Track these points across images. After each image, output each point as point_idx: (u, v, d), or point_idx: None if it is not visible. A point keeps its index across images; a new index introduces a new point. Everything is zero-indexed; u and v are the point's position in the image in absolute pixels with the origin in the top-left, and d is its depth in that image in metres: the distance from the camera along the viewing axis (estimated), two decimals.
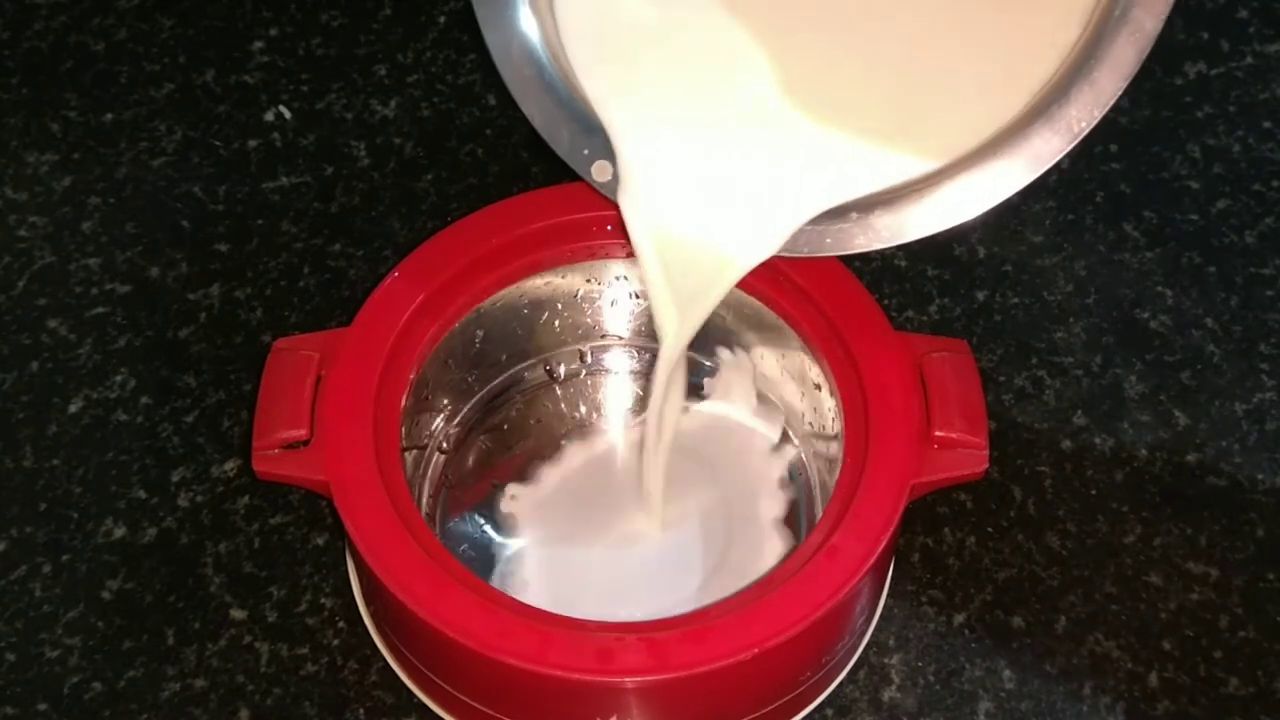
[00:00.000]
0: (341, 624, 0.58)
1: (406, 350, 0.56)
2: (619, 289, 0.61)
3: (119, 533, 0.61)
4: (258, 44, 0.75)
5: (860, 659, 0.57)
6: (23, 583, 0.59)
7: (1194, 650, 0.58)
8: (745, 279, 0.56)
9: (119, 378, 0.65)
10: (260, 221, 0.69)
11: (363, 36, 0.76)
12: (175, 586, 0.59)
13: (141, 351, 0.65)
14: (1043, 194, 0.70)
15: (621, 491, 0.60)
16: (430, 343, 0.57)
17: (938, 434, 0.53)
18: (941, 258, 0.68)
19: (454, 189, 0.70)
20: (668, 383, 0.56)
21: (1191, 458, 0.63)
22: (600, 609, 0.53)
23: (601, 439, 0.62)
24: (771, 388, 0.61)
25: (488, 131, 0.72)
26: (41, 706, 0.57)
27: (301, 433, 0.53)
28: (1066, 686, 0.57)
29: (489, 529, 0.59)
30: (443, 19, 0.76)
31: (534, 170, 0.70)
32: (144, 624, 0.58)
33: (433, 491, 0.60)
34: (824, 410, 0.58)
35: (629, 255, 0.58)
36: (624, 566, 0.58)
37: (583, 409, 0.63)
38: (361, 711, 0.57)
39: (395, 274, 0.57)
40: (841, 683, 0.57)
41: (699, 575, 0.58)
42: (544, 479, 0.61)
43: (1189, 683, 0.57)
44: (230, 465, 0.62)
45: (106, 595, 0.59)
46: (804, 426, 0.60)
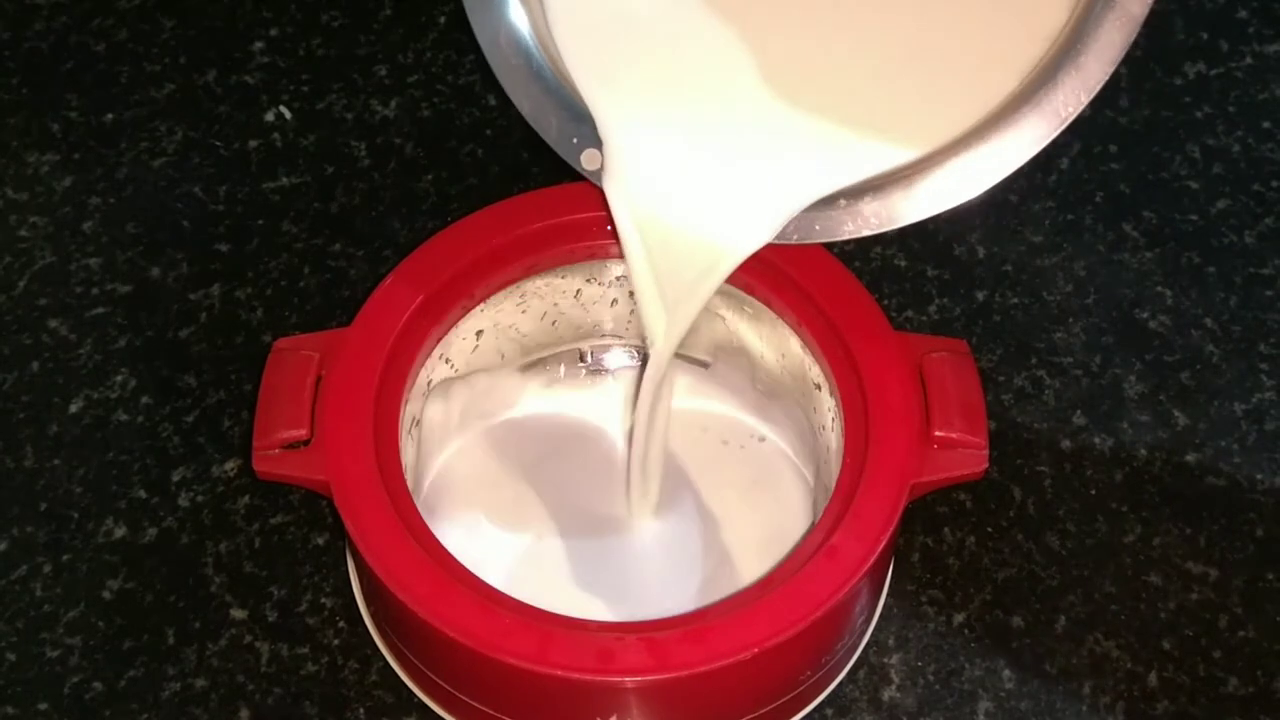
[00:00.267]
0: (342, 624, 0.58)
1: (406, 350, 0.56)
2: (619, 289, 0.61)
3: (119, 533, 0.61)
4: (258, 44, 0.75)
5: (860, 659, 0.57)
6: (23, 582, 0.59)
7: (1193, 650, 0.58)
8: (744, 278, 0.56)
9: (119, 378, 0.65)
10: (260, 221, 0.69)
11: (363, 37, 0.76)
12: (175, 586, 0.59)
13: (142, 351, 0.65)
14: (1042, 194, 0.70)
15: (620, 490, 0.60)
16: (430, 343, 0.57)
17: (937, 434, 0.53)
18: (941, 258, 0.68)
19: (454, 189, 0.71)
20: (656, 392, 0.56)
21: (1191, 458, 0.63)
22: (593, 604, 0.54)
23: (601, 438, 0.62)
24: (771, 387, 0.61)
25: (488, 131, 0.72)
26: (42, 706, 0.57)
27: (302, 433, 0.53)
28: (1066, 686, 0.57)
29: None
30: (443, 19, 0.76)
31: (534, 170, 0.70)
32: (144, 624, 0.59)
33: None
34: (824, 410, 0.58)
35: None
36: (615, 564, 0.59)
37: (582, 408, 0.63)
38: (362, 711, 0.57)
39: (395, 274, 0.57)
40: (841, 682, 0.57)
41: (698, 575, 0.58)
42: (543, 477, 0.61)
43: (1188, 682, 0.58)
44: (230, 465, 0.62)
45: (107, 595, 0.59)
46: (804, 426, 0.60)
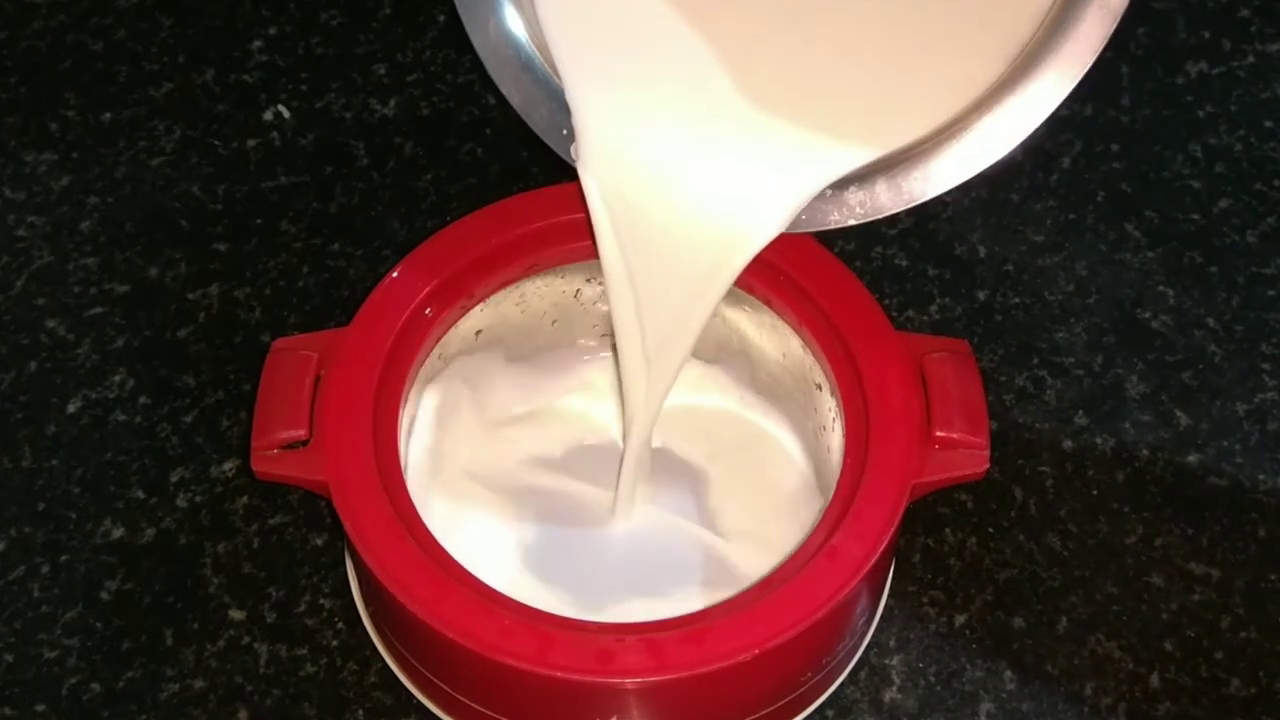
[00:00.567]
0: (341, 625, 0.58)
1: (406, 350, 0.56)
2: None
3: (117, 533, 0.60)
4: (257, 43, 0.75)
5: (861, 660, 0.57)
6: (21, 583, 0.59)
7: (1195, 651, 0.58)
8: (744, 277, 0.56)
9: (118, 378, 0.65)
10: (259, 221, 0.69)
11: (362, 36, 0.76)
12: (174, 587, 0.59)
13: (140, 351, 0.65)
14: (1044, 193, 0.70)
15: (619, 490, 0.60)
16: (430, 343, 0.57)
17: (938, 434, 0.53)
18: (942, 257, 0.68)
19: (454, 189, 0.70)
20: (634, 481, 0.56)
21: (1193, 458, 0.63)
22: (591, 605, 0.54)
23: (600, 437, 0.62)
24: (771, 387, 0.61)
25: (488, 131, 0.72)
26: (40, 707, 0.57)
27: (301, 433, 0.53)
28: (1068, 687, 0.57)
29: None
30: (442, 18, 0.76)
31: (534, 170, 0.70)
32: (143, 624, 0.58)
33: None
34: (824, 410, 0.58)
35: None
36: (614, 565, 0.58)
37: (582, 408, 0.63)
38: (361, 712, 0.57)
39: (395, 274, 0.57)
40: (842, 684, 0.57)
41: (697, 575, 0.58)
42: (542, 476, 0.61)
43: (1190, 683, 0.57)
44: (229, 465, 0.62)
45: (105, 596, 0.59)
46: (804, 426, 0.60)
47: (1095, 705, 0.57)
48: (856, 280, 0.57)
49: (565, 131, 0.55)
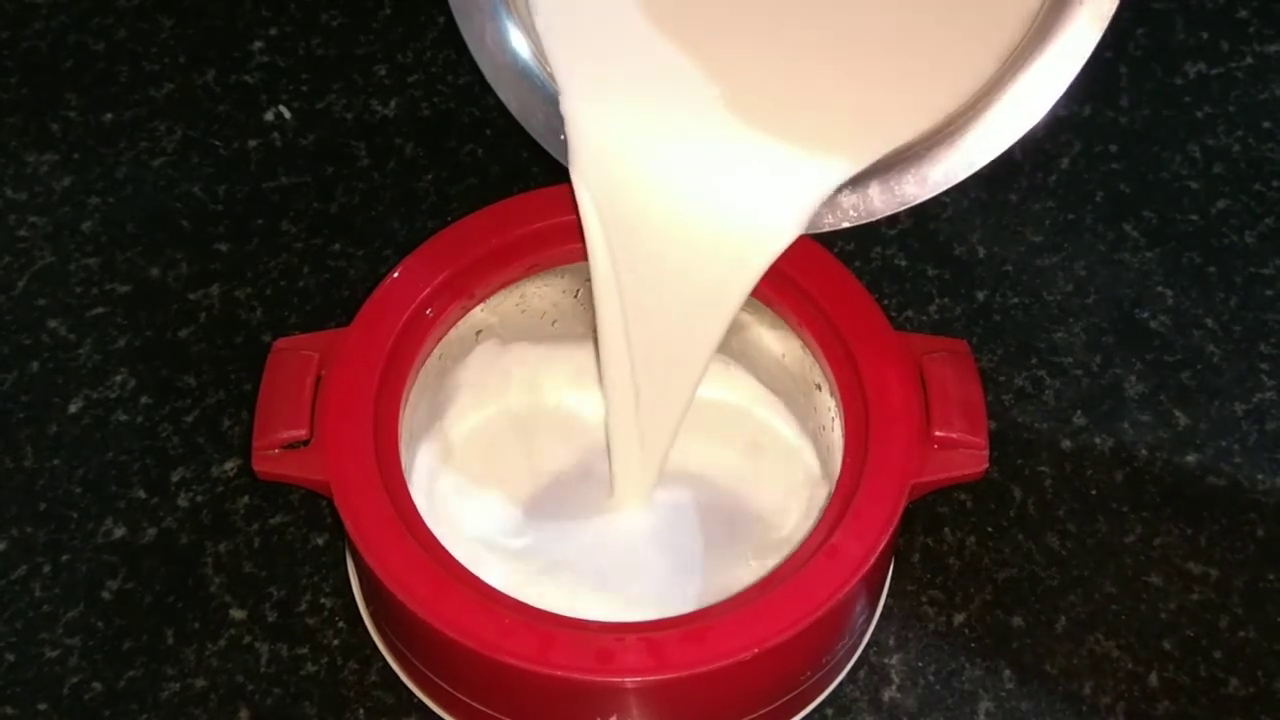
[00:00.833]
0: (341, 624, 0.58)
1: (406, 350, 0.56)
2: None
3: (119, 533, 0.61)
4: (258, 44, 0.75)
5: (860, 659, 0.57)
6: (23, 583, 0.59)
7: (1194, 650, 0.58)
8: None
9: (119, 378, 0.65)
10: (260, 221, 0.69)
11: (363, 36, 0.76)
12: (175, 586, 0.59)
13: (141, 351, 0.65)
14: (1043, 194, 0.70)
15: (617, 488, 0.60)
16: (430, 343, 0.57)
17: (938, 434, 0.53)
18: (941, 257, 0.68)
19: (454, 189, 0.70)
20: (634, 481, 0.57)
21: (1191, 458, 0.63)
22: (591, 604, 0.54)
23: (599, 435, 0.62)
24: (771, 386, 0.61)
25: (488, 131, 0.72)
26: (41, 706, 0.57)
27: (301, 433, 0.53)
28: (1066, 686, 0.57)
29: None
30: (442, 19, 0.76)
31: (534, 170, 0.70)
32: (144, 624, 0.58)
33: None
34: (824, 410, 0.58)
35: None
36: (613, 564, 0.58)
37: (581, 407, 0.63)
38: (361, 711, 0.57)
39: (395, 274, 0.57)
40: (841, 682, 0.57)
41: (697, 575, 0.58)
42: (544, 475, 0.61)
43: (1189, 683, 0.57)
44: (230, 465, 0.62)
45: (106, 595, 0.59)
46: (804, 426, 0.60)
47: (1094, 704, 0.57)
48: (856, 280, 0.57)
49: (563, 136, 0.56)
